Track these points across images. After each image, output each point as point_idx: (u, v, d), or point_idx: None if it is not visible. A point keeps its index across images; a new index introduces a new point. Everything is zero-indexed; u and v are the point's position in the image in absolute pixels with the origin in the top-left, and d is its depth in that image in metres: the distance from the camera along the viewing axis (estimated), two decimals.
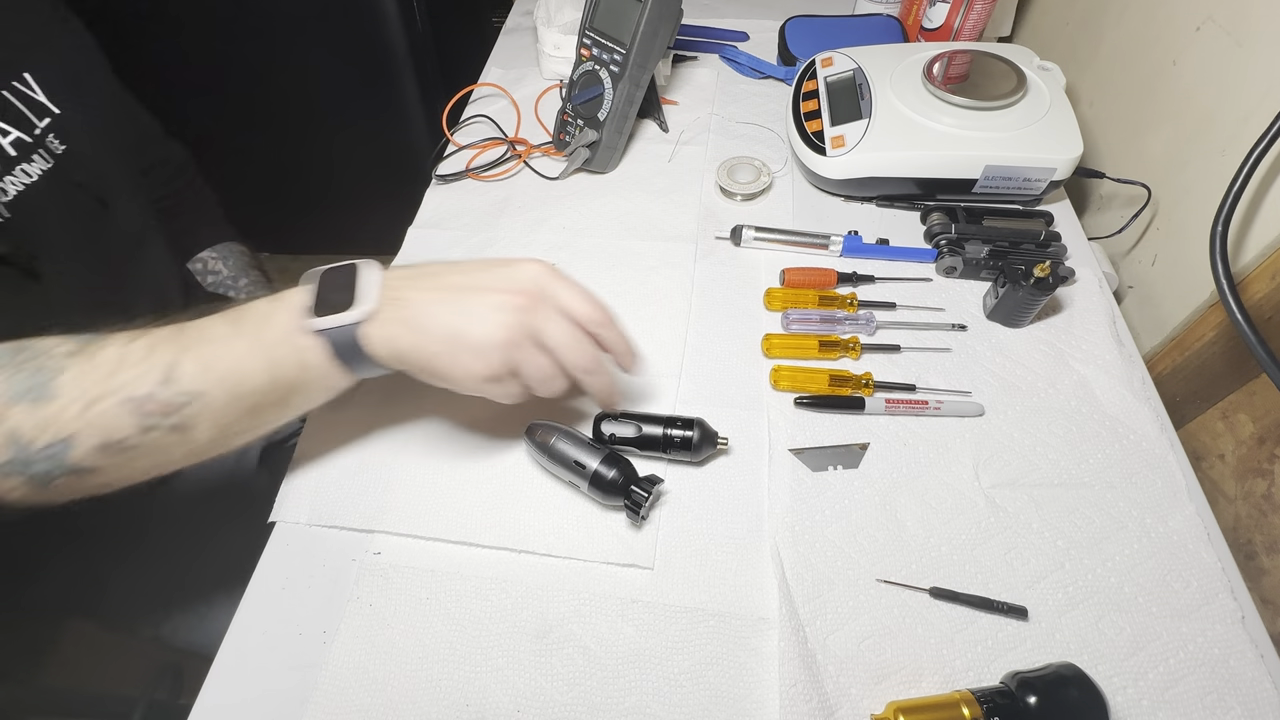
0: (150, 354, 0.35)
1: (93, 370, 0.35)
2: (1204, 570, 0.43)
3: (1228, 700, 0.39)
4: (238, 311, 0.38)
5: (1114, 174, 0.64)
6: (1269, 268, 0.49)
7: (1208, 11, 0.56)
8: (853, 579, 0.43)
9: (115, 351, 0.35)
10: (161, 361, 0.35)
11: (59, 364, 0.35)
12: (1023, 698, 0.36)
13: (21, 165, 0.51)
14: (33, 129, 0.53)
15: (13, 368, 0.34)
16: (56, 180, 0.54)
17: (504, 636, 0.42)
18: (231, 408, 0.37)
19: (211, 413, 0.36)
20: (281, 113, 1.28)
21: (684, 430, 0.47)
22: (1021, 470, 0.48)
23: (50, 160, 0.54)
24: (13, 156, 0.50)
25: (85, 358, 0.35)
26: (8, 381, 0.34)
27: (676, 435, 0.47)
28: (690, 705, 0.39)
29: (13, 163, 0.51)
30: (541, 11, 0.80)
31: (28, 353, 0.35)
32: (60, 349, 0.35)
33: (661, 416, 0.48)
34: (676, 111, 0.78)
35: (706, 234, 0.65)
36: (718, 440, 0.48)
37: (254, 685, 0.41)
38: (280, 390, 0.38)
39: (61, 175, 0.54)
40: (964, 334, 0.56)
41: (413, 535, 0.46)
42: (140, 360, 0.35)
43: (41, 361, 0.35)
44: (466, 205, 0.69)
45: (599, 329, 0.41)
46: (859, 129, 0.63)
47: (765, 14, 0.91)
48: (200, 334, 0.37)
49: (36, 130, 0.53)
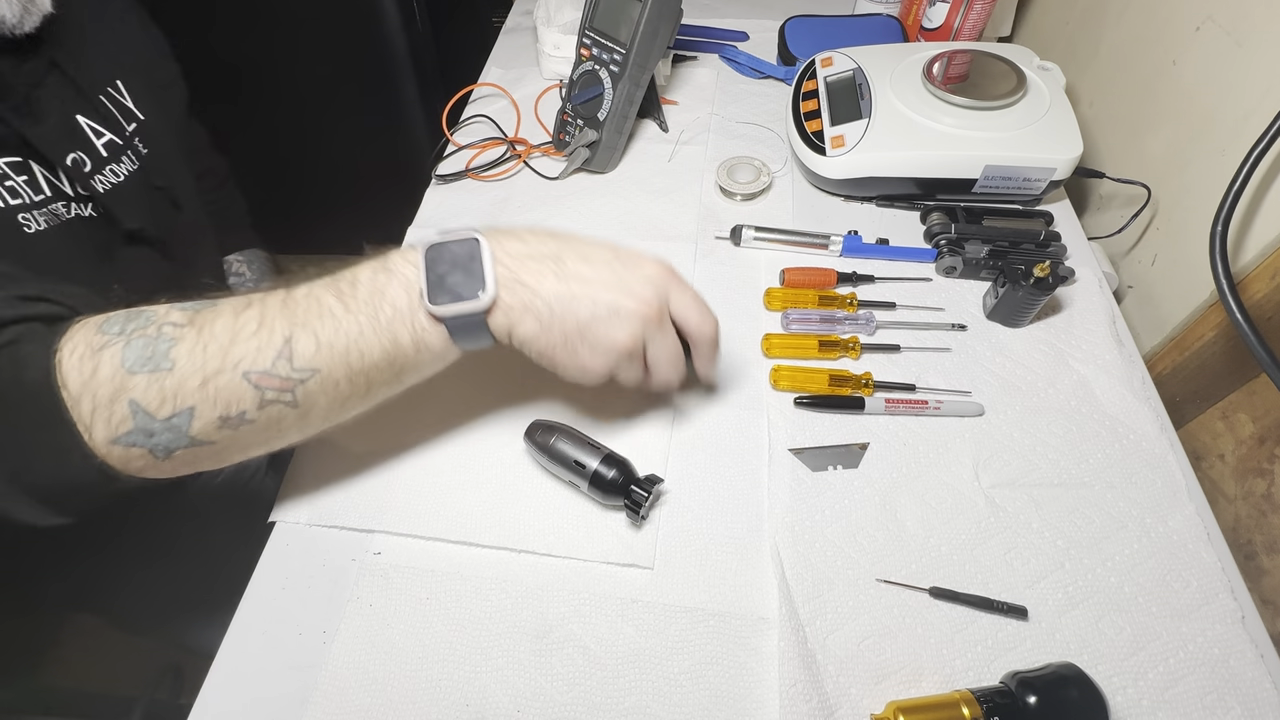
0: (263, 326, 0.35)
1: (209, 341, 0.34)
2: (1204, 570, 0.43)
3: (1228, 700, 0.39)
4: (345, 283, 0.37)
5: (1114, 174, 0.64)
6: (1269, 268, 0.49)
7: (1208, 11, 0.56)
8: (853, 579, 0.43)
9: (228, 322, 0.35)
10: (278, 336, 0.35)
11: (174, 333, 0.34)
12: (1023, 697, 0.36)
13: (111, 165, 0.54)
14: (123, 131, 0.55)
15: (128, 336, 0.34)
16: (141, 182, 0.57)
17: (504, 636, 0.42)
18: (346, 384, 0.37)
19: (327, 388, 0.36)
20: (281, 112, 1.28)
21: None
22: (1021, 470, 0.48)
23: (136, 162, 0.56)
24: (104, 157, 0.53)
25: (198, 328, 0.35)
26: (124, 350, 0.33)
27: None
28: (690, 705, 0.39)
29: (104, 162, 0.53)
30: (541, 11, 0.80)
31: (140, 320, 0.35)
32: (172, 317, 0.35)
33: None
34: (676, 111, 0.78)
35: (706, 234, 0.65)
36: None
37: (254, 685, 0.41)
38: (395, 367, 0.38)
39: (144, 178, 0.57)
40: (964, 334, 0.56)
41: (413, 535, 0.46)
42: (254, 333, 0.35)
43: (156, 330, 0.34)
44: (466, 205, 0.69)
45: (699, 344, 0.43)
46: (859, 129, 0.63)
47: (765, 14, 0.91)
48: (311, 308, 0.36)
49: (126, 133, 0.56)
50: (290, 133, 1.31)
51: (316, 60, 1.21)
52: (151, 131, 0.59)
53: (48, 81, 0.50)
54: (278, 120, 1.29)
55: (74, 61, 0.52)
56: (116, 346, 0.34)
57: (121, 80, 0.58)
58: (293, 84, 1.24)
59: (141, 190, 0.57)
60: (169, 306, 0.36)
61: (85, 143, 0.52)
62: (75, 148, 0.51)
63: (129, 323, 0.35)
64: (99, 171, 0.53)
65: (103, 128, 0.54)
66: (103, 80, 0.56)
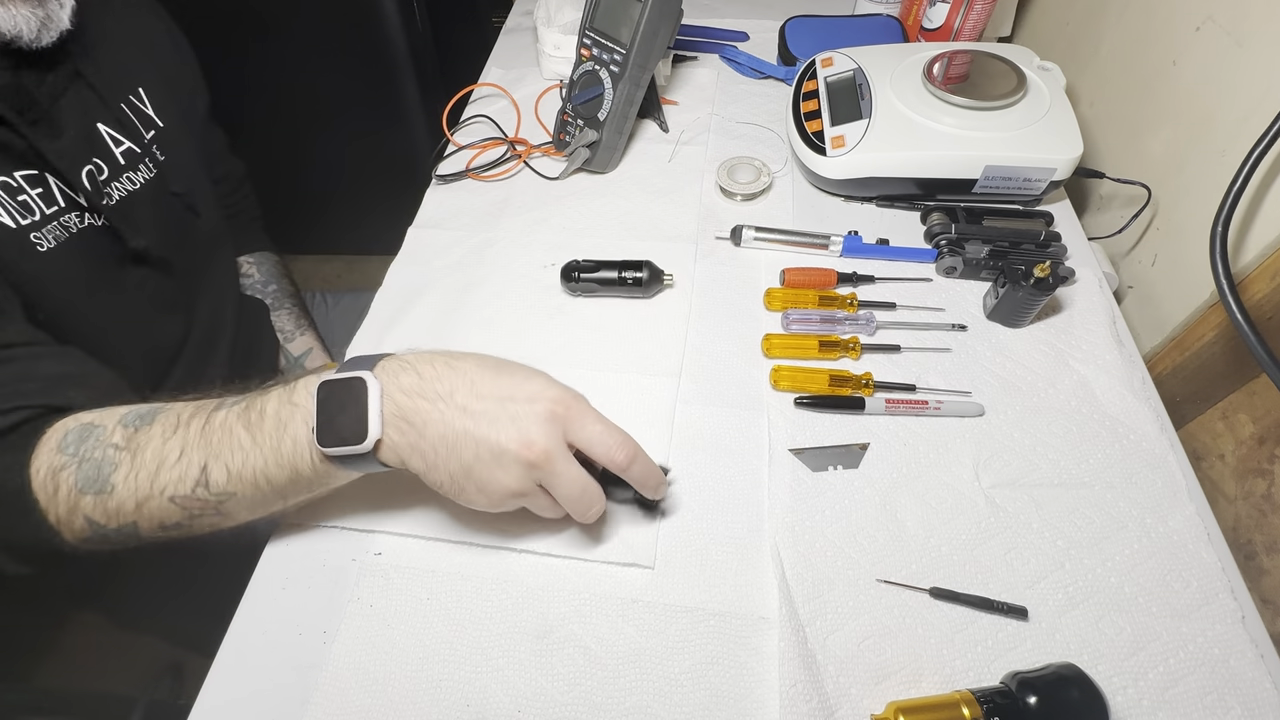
0: (183, 456, 0.39)
1: (140, 469, 0.39)
2: (1204, 570, 0.43)
3: (1228, 700, 0.39)
4: (254, 415, 0.39)
5: (1114, 174, 0.64)
6: (1269, 268, 0.49)
7: (1208, 11, 0.56)
8: (853, 579, 0.43)
9: (156, 449, 0.39)
10: (194, 466, 0.39)
11: (115, 456, 0.39)
12: (1023, 698, 0.36)
13: (128, 173, 0.56)
14: (141, 139, 0.57)
15: (80, 459, 0.39)
16: (157, 189, 0.59)
17: (504, 637, 0.42)
18: (260, 499, 0.40)
19: (244, 503, 0.40)
20: (281, 113, 1.28)
21: (635, 271, 0.57)
22: (1021, 470, 0.48)
23: (153, 170, 0.58)
24: (122, 165, 0.55)
25: (132, 453, 0.39)
26: (76, 473, 0.39)
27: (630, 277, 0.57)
28: (691, 705, 0.39)
29: (120, 170, 0.55)
30: (541, 11, 0.80)
31: (91, 440, 0.40)
32: (114, 438, 0.40)
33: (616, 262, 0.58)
34: (676, 111, 0.78)
35: (706, 234, 0.65)
36: (664, 277, 0.59)
37: (254, 685, 0.41)
38: (302, 484, 0.40)
39: (161, 184, 0.59)
40: (964, 334, 0.56)
41: (413, 535, 0.46)
42: (175, 463, 0.39)
43: (102, 452, 0.40)
44: (466, 205, 0.69)
45: (622, 470, 0.40)
46: (859, 129, 0.63)
47: (765, 14, 0.91)
48: (225, 439, 0.39)
49: (144, 141, 0.58)
50: (290, 133, 1.31)
51: (317, 60, 1.21)
52: (170, 138, 0.60)
53: (70, 91, 0.52)
54: (278, 120, 1.29)
55: (97, 70, 0.54)
56: (70, 469, 0.39)
57: (144, 88, 0.59)
58: (292, 84, 1.24)
59: (157, 197, 0.58)
60: (118, 422, 0.41)
61: (104, 151, 0.54)
62: (93, 156, 0.53)
63: (81, 444, 0.40)
64: (115, 179, 0.54)
65: (122, 136, 0.55)
66: (125, 88, 0.57)
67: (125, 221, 0.54)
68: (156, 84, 0.61)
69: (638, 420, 0.51)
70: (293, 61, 1.21)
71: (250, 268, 0.83)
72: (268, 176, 1.35)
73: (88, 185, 0.51)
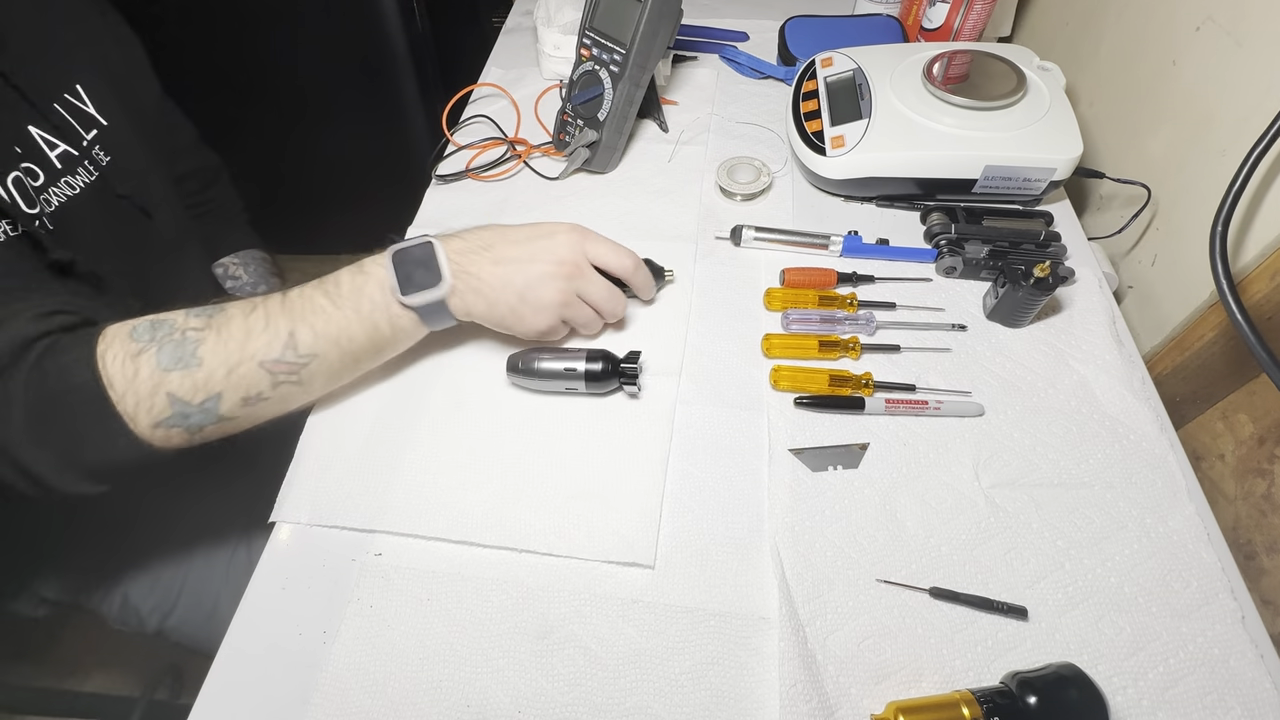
0: (269, 324, 0.43)
1: (228, 339, 0.42)
2: (1204, 570, 0.43)
3: (1228, 700, 0.39)
4: (330, 285, 0.46)
5: (1114, 174, 0.64)
6: (1269, 268, 0.49)
7: (1208, 11, 0.56)
8: (853, 579, 0.44)
9: (240, 324, 0.43)
10: (283, 330, 0.43)
11: (197, 335, 0.42)
12: (1023, 698, 0.36)
13: (66, 178, 0.53)
14: (80, 141, 0.55)
15: (159, 342, 0.41)
16: (101, 192, 0.56)
17: (505, 637, 0.42)
18: (339, 362, 0.46)
19: (325, 367, 0.45)
20: (281, 113, 1.28)
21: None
22: (1021, 470, 0.48)
23: (95, 172, 0.56)
24: (58, 169, 0.53)
25: (216, 330, 0.42)
26: (158, 354, 0.41)
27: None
28: (691, 705, 0.39)
29: (58, 175, 0.53)
30: (541, 11, 0.80)
31: (165, 328, 0.42)
32: (191, 323, 0.43)
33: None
34: (676, 111, 0.78)
35: (706, 234, 0.65)
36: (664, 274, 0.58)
37: (254, 685, 0.41)
38: (376, 345, 0.47)
39: (106, 187, 0.56)
40: (964, 334, 0.56)
41: (413, 535, 0.46)
42: (263, 330, 0.43)
43: (181, 335, 0.42)
44: (466, 205, 0.69)
45: (625, 276, 0.52)
46: (859, 129, 0.63)
47: (765, 14, 0.91)
48: (306, 306, 0.44)
49: (84, 142, 0.55)
50: (290, 132, 1.31)
51: (316, 60, 1.21)
52: (115, 138, 0.57)
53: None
54: (278, 120, 1.29)
55: (24, 70, 0.50)
56: (150, 351, 0.41)
57: (81, 83, 0.56)
58: (293, 84, 1.24)
59: (101, 201, 0.55)
60: (184, 313, 0.43)
61: (37, 155, 0.51)
62: (24, 162, 0.50)
63: (155, 331, 0.42)
64: (53, 184, 0.52)
65: (56, 139, 0.52)
66: (58, 86, 0.54)
67: (60, 229, 0.51)
68: (96, 75, 0.57)
69: (638, 420, 0.51)
70: (293, 61, 1.21)
71: (237, 268, 0.79)
72: (268, 177, 1.35)
73: (15, 193, 0.48)
